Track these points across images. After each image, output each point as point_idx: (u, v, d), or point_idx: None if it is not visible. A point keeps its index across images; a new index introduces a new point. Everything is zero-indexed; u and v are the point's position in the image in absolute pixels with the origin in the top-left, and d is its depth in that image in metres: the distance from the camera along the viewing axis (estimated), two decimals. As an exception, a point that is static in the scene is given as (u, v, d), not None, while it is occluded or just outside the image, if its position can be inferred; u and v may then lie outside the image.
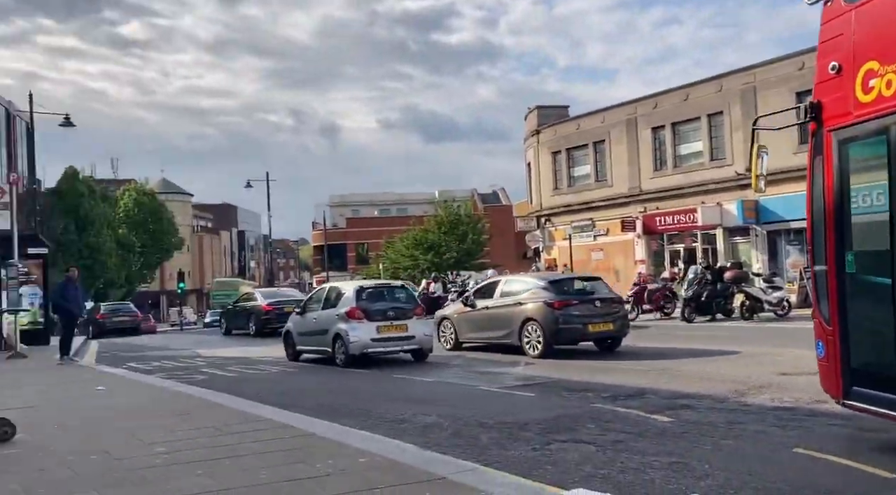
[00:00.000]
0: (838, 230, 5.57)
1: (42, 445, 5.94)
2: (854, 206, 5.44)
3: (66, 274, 15.07)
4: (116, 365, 14.54)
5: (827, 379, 5.71)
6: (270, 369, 13.18)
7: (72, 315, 14.59)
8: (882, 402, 5.09)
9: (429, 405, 8.22)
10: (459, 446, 6.07)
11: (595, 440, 6.15)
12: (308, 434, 6.04)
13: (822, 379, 5.82)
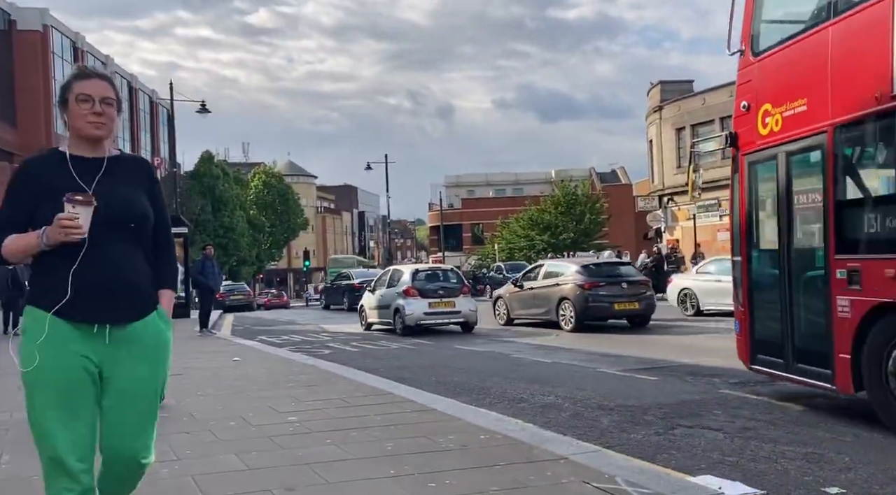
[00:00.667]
0: (748, 231, 7.26)
1: (187, 410, 6.40)
2: (758, 212, 7.23)
3: (203, 252, 16.11)
4: (249, 337, 15.43)
5: (740, 349, 7.35)
6: (390, 346, 13.56)
7: (210, 290, 15.60)
8: (774, 366, 6.80)
9: (546, 385, 8.19)
10: (579, 427, 6.02)
11: (722, 426, 5.92)
12: (429, 409, 6.17)
13: (738, 351, 7.41)
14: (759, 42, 7.21)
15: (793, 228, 6.73)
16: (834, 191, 6.03)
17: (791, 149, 6.62)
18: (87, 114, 2.54)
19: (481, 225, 63.50)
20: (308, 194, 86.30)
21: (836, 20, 6.11)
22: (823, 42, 6.24)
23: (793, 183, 6.68)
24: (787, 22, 7.23)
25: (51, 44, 44.36)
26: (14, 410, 6.67)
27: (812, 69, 6.37)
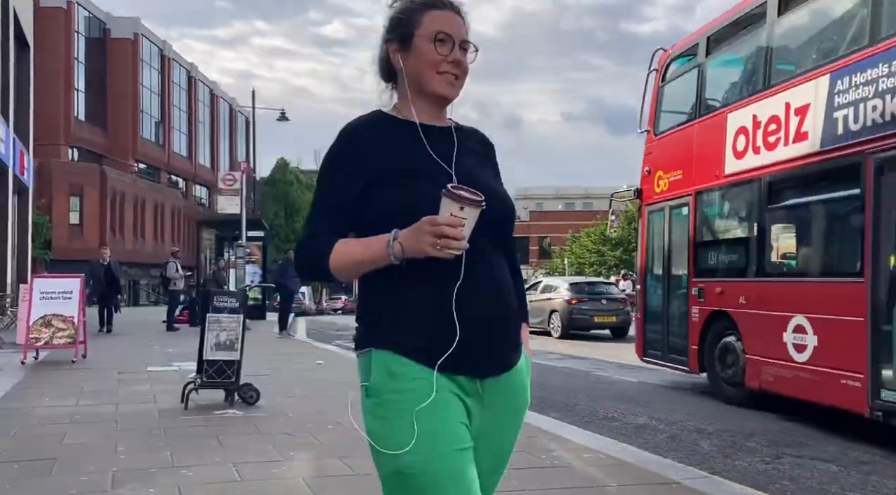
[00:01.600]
0: (647, 259, 10.23)
1: (282, 411, 6.48)
2: (653, 248, 10.12)
3: (286, 255, 16.46)
4: (326, 341, 15.63)
5: (637, 348, 10.33)
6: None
7: (290, 293, 15.89)
8: (656, 357, 9.73)
9: (635, 404, 7.98)
10: (679, 450, 5.82)
11: (836, 458, 5.63)
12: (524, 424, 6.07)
13: (636, 349, 10.40)
14: (659, 126, 10.06)
15: (671, 260, 9.59)
16: (694, 236, 8.96)
17: (672, 205, 9.52)
18: (444, 62, 1.77)
19: (549, 238, 63.04)
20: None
21: (699, 120, 9.09)
22: (692, 133, 9.16)
23: (673, 228, 9.54)
24: (676, 112, 9.89)
25: (140, 51, 46.37)
26: (119, 403, 6.91)
27: (686, 150, 9.24)
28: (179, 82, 50.04)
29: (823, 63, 7.05)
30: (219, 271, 16.72)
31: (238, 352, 6.59)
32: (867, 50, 6.43)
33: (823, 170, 6.97)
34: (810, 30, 7.80)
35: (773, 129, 7.56)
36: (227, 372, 6.55)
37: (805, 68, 7.38)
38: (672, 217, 9.51)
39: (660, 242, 9.87)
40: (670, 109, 10.06)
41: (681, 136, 9.44)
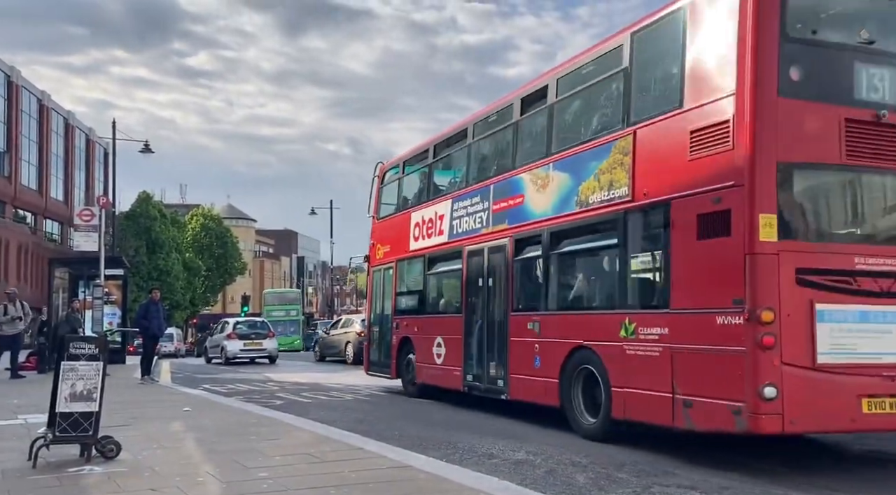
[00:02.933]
0: (372, 304, 14.84)
1: (146, 465, 6.03)
2: (374, 296, 14.77)
3: (150, 295, 15.51)
4: (193, 386, 14.83)
5: (364, 366, 14.94)
6: (344, 396, 13.24)
7: (153, 336, 14.96)
8: (374, 370, 14.47)
9: (515, 440, 8.08)
10: (556, 485, 5.92)
11: (698, 485, 5.92)
12: (405, 466, 5.98)
13: (364, 367, 15.04)
14: (379, 214, 14.72)
15: (384, 304, 14.16)
16: (396, 288, 13.60)
17: (385, 267, 14.15)
18: None
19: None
20: (247, 238, 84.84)
21: (398, 214, 13.75)
22: (395, 222, 13.77)
23: (385, 283, 14.13)
24: (388, 205, 14.46)
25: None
26: None
27: (392, 232, 13.82)
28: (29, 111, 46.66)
29: (449, 192, 12.17)
30: (72, 313, 15.48)
31: (97, 402, 6.09)
32: (464, 189, 11.55)
33: (448, 252, 11.84)
34: (445, 171, 12.99)
35: (430, 226, 12.46)
36: (83, 425, 6.02)
37: (443, 193, 12.41)
38: (385, 275, 14.24)
39: (379, 292, 14.61)
40: (386, 203, 14.72)
41: (390, 223, 14.25)
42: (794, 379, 6.23)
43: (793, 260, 6.42)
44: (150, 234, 48.61)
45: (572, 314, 8.94)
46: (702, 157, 6.95)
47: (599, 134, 8.66)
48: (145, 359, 14.94)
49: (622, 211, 7.97)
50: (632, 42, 8.18)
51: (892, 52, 7.19)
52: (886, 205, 7.09)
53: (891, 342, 6.57)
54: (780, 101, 6.55)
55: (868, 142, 6.72)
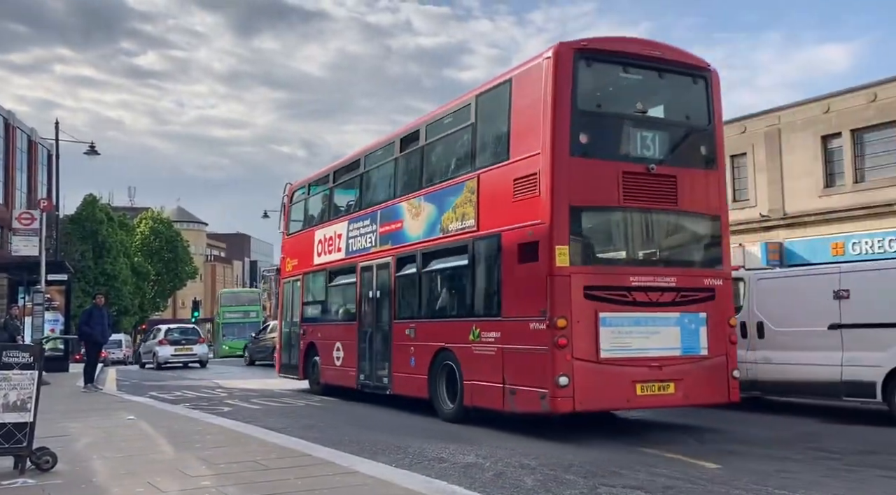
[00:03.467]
0: (283, 312, 16.28)
1: (84, 476, 5.85)
2: (285, 306, 16.23)
3: (93, 300, 15.02)
4: (139, 393, 14.47)
5: (276, 368, 16.55)
6: (294, 402, 13.06)
7: (97, 343, 14.51)
8: (285, 371, 15.90)
9: (465, 444, 8.08)
10: (505, 488, 5.94)
11: (644, 485, 6.00)
12: (352, 472, 5.92)
13: (276, 369, 16.60)
14: (289, 230, 16.22)
15: (293, 312, 15.62)
16: (303, 298, 14.99)
17: (294, 279, 15.59)
18: None
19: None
20: (198, 241, 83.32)
21: (304, 231, 15.28)
22: (302, 238, 15.18)
23: (294, 293, 15.48)
24: (297, 222, 15.96)
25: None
26: None
27: (300, 247, 15.23)
28: (-32, 109, 45.11)
29: (347, 214, 13.79)
30: (10, 320, 14.91)
31: (31, 412, 5.88)
32: (358, 212, 13.20)
33: (345, 267, 13.40)
34: (343, 195, 14.45)
35: (330, 243, 13.99)
36: (16, 437, 5.81)
37: (341, 214, 14.06)
38: (294, 287, 15.65)
39: (289, 301, 15.98)
40: (294, 220, 16.07)
41: (298, 238, 15.69)
42: (582, 371, 8.19)
43: (582, 280, 8.40)
44: (97, 238, 47.27)
45: (438, 321, 10.64)
46: (521, 200, 8.96)
47: (455, 174, 10.50)
48: (88, 367, 14.49)
49: (471, 238, 9.92)
50: (476, 103, 10.19)
51: (659, 119, 9.59)
52: (654, 235, 9.28)
53: (657, 340, 8.61)
54: (572, 160, 8.55)
55: (640, 188, 8.82)
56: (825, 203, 23.17)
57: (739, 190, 26.40)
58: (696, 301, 8.96)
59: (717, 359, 8.95)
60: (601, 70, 9.15)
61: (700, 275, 9.17)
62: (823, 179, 23.27)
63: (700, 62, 9.66)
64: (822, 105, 23.17)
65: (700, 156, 9.43)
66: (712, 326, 8.97)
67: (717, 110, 9.60)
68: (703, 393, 8.89)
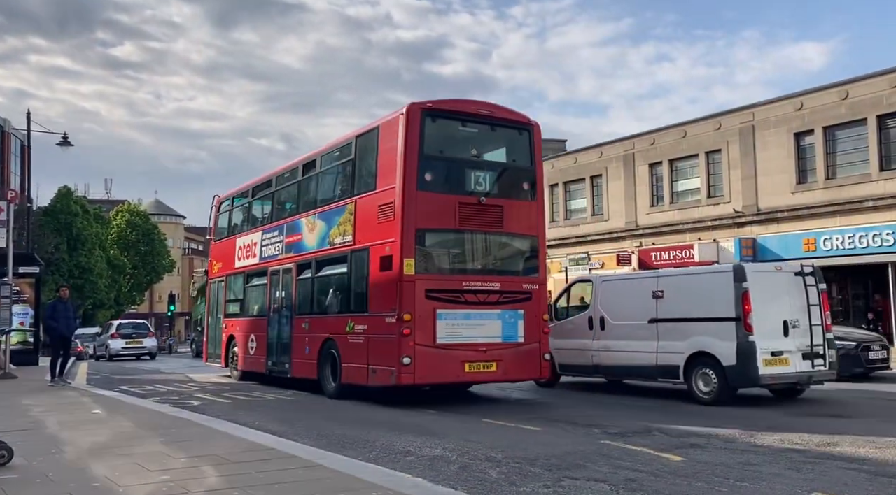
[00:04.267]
0: (210, 309, 18.95)
1: (40, 471, 5.76)
2: (211, 302, 18.95)
3: (57, 293, 14.78)
4: (109, 387, 14.31)
5: (203, 357, 19.45)
6: (265, 396, 12.98)
7: (61, 335, 14.27)
8: (211, 359, 18.67)
9: (433, 437, 8.07)
10: (469, 481, 5.93)
11: (607, 478, 6.02)
12: (315, 465, 5.89)
13: (203, 358, 19.52)
14: (216, 236, 18.55)
15: (217, 308, 17.99)
16: (226, 296, 17.54)
17: (219, 280, 17.98)
18: None
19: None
20: (176, 235, 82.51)
21: (228, 238, 17.77)
22: (226, 244, 17.62)
23: (220, 293, 17.77)
24: (223, 229, 18.37)
25: None
26: None
27: (224, 252, 17.65)
28: (-62, 98, 44.21)
29: (261, 225, 16.10)
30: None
31: (-13, 406, 5.77)
32: (270, 224, 15.53)
33: (259, 271, 15.63)
34: (259, 208, 16.85)
35: (248, 249, 16.38)
36: (-28, 430, 5.69)
37: (257, 225, 16.37)
38: (219, 287, 18.27)
39: (214, 300, 18.67)
40: (220, 228, 18.78)
41: (222, 244, 18.23)
42: (422, 353, 10.76)
43: (424, 284, 10.95)
44: (72, 230, 46.62)
45: (325, 317, 13.00)
46: (383, 222, 11.42)
47: (340, 198, 12.99)
48: (54, 361, 14.26)
49: (349, 250, 12.38)
50: (356, 142, 12.70)
51: (490, 161, 12.27)
52: (483, 251, 11.82)
53: (482, 331, 11.21)
54: (419, 193, 11.05)
55: (473, 215, 11.39)
56: (797, 199, 23.43)
57: (714, 186, 26.62)
58: (515, 301, 11.53)
59: (532, 346, 11.59)
60: (443, 124, 11.69)
61: (519, 281, 11.77)
62: (796, 176, 23.53)
63: (525, 119, 12.29)
64: (796, 102, 23.41)
65: (523, 191, 12.05)
66: (528, 320, 11.54)
67: (537, 155, 12.29)
68: (519, 371, 11.71)
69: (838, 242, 22.14)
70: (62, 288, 15.15)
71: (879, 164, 21.37)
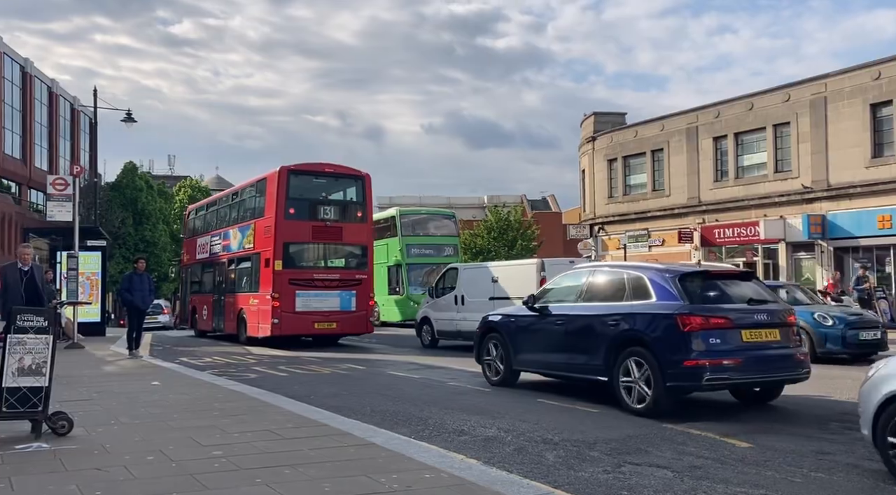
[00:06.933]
0: (184, 290, 27.22)
1: (98, 442, 5.82)
2: (185, 285, 27.01)
3: (134, 265, 15.00)
4: (169, 359, 14.60)
5: (175, 323, 36.08)
6: (321, 370, 13.04)
7: (138, 309, 14.55)
8: (181, 326, 31.34)
9: (487, 416, 7.90)
10: (524, 463, 5.75)
11: (670, 464, 5.75)
12: (368, 443, 5.79)
13: (175, 323, 36.38)
14: (186, 235, 27.01)
15: (188, 289, 25.70)
16: (191, 279, 25.30)
17: (187, 267, 25.88)
18: None
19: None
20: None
21: (194, 237, 25.28)
22: (192, 242, 25.29)
23: (191, 276, 25.14)
24: (192, 230, 25.89)
25: (-36, 42, 42.04)
26: None
27: (191, 248, 25.37)
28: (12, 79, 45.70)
29: (212, 230, 23.28)
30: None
31: (46, 377, 5.85)
32: (217, 230, 22.76)
33: (210, 262, 22.90)
34: (210, 219, 23.87)
35: (204, 247, 23.50)
36: (32, 401, 5.79)
37: (209, 230, 23.43)
38: (188, 272, 25.42)
39: (187, 283, 25.65)
40: (189, 229, 26.17)
41: (190, 241, 25.31)
42: (285, 317, 17.82)
43: (288, 276, 17.98)
44: (137, 205, 47.99)
45: (240, 294, 20.04)
46: (266, 237, 18.40)
47: (249, 219, 20.14)
48: (130, 333, 14.55)
49: (251, 253, 19.47)
50: (256, 184, 19.96)
51: (335, 199, 19.59)
52: (328, 254, 19.21)
53: (327, 303, 18.25)
54: (286, 221, 18.14)
55: (322, 233, 18.65)
56: (872, 174, 22.28)
57: (782, 160, 25.53)
58: (349, 285, 18.59)
59: (361, 313, 18.65)
60: (303, 177, 18.96)
61: (353, 273, 18.91)
62: (871, 149, 22.35)
63: (358, 172, 19.55)
64: (873, 71, 22.16)
65: (356, 217, 19.24)
66: (359, 297, 18.60)
67: (368, 192, 19.42)
68: (352, 328, 18.85)
69: (916, 219, 21.00)
70: (138, 260, 15.31)
71: (965, 137, 20.10)
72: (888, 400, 5.09)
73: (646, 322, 8.00)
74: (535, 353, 9.77)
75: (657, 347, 7.76)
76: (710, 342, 7.60)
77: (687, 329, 7.60)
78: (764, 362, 7.88)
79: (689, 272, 8.45)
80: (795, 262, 25.05)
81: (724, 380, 7.78)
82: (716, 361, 7.54)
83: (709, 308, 7.86)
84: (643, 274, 8.50)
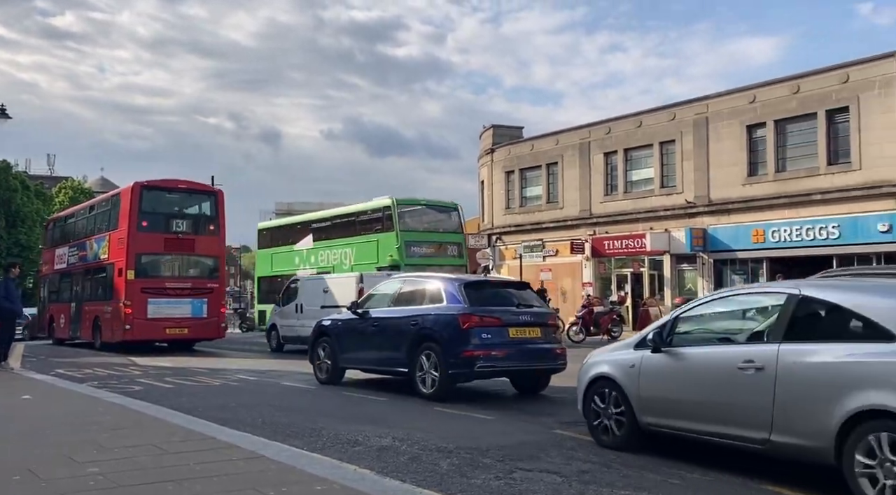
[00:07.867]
0: (42, 296, 27.43)
1: (-42, 462, 5.36)
2: (43, 291, 27.45)
3: (7, 272, 13.91)
4: (44, 371, 13.68)
5: (34, 332, 28.87)
6: (211, 381, 12.58)
7: (14, 316, 13.41)
8: (40, 333, 27.61)
9: (382, 426, 7.85)
10: (418, 472, 5.74)
11: (560, 469, 5.90)
12: (257, 456, 5.62)
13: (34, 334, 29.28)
14: (45, 245, 28.10)
15: (46, 296, 26.13)
16: (49, 288, 26.10)
17: (46, 277, 26.63)
18: None
19: (310, 255, 62.09)
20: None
21: (50, 248, 26.46)
22: (50, 251, 26.26)
23: (46, 286, 26.47)
24: (48, 240, 27.30)
25: None
26: None
27: (50, 257, 26.32)
28: None
29: (69, 241, 24.20)
30: None
31: None
32: (73, 241, 23.95)
33: (67, 272, 23.99)
34: (68, 230, 25.05)
35: (61, 257, 24.52)
36: None
37: (67, 240, 24.44)
38: (49, 281, 25.54)
39: (45, 292, 26.25)
40: (49, 238, 26.72)
41: (49, 252, 26.30)
42: (137, 323, 19.12)
43: (140, 285, 19.33)
44: (10, 207, 44.90)
45: (95, 302, 21.23)
46: (120, 248, 19.80)
47: (104, 231, 21.11)
48: (4, 343, 13.42)
49: (106, 264, 20.54)
50: (111, 199, 21.26)
51: (187, 212, 21.04)
52: (180, 264, 20.49)
53: (179, 311, 19.73)
54: (138, 233, 19.48)
55: (174, 244, 20.03)
56: (748, 191, 23.83)
57: (667, 176, 26.89)
58: (201, 294, 19.99)
59: (213, 319, 20.11)
60: (156, 192, 20.20)
61: (205, 282, 20.26)
62: (747, 168, 23.91)
63: (212, 188, 21.65)
64: (748, 95, 23.74)
65: (209, 230, 20.68)
66: (210, 304, 20.04)
67: (221, 207, 20.82)
68: (204, 333, 20.26)
69: (786, 234, 22.61)
70: (14, 265, 14.19)
71: (827, 159, 21.83)
72: (593, 381, 6.91)
73: (436, 321, 9.74)
74: (356, 352, 11.23)
75: (443, 341, 9.50)
76: (482, 337, 9.41)
77: (465, 326, 9.37)
78: (527, 354, 9.75)
79: (473, 281, 10.54)
80: (679, 274, 26.39)
81: (493, 368, 9.66)
82: (486, 352, 9.38)
83: (484, 309, 9.60)
84: (438, 282, 10.35)
